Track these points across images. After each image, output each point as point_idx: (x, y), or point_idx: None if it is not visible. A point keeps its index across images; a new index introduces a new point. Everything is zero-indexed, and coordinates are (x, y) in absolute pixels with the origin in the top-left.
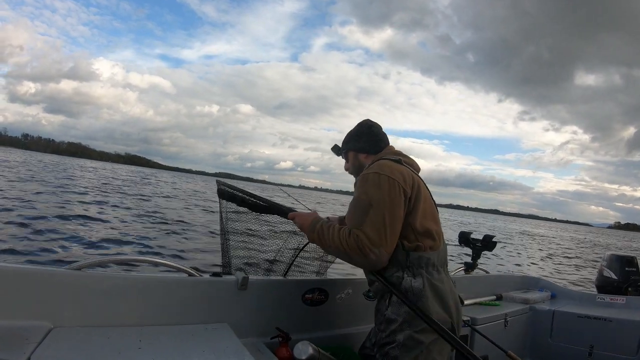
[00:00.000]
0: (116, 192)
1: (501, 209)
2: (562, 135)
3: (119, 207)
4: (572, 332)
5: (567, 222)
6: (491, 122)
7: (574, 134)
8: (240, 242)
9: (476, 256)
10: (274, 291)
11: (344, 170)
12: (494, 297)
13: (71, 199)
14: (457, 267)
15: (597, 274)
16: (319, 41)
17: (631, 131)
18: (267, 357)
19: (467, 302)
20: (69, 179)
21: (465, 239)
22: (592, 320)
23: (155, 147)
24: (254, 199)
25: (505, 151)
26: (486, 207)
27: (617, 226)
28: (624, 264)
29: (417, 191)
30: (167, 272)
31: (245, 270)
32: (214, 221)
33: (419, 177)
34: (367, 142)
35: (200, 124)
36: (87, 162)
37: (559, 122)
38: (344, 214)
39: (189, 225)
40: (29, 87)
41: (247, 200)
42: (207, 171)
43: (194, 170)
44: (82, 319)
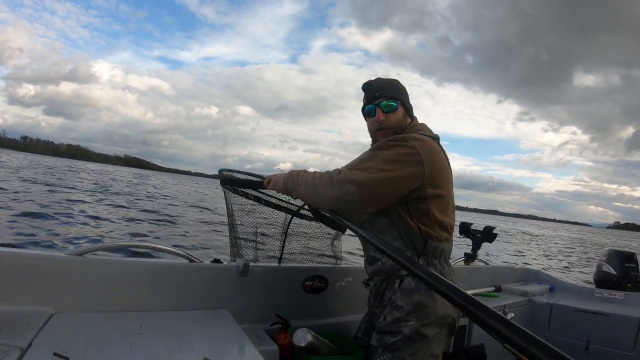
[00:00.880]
0: (115, 192)
1: (500, 209)
2: (561, 135)
3: (117, 205)
4: (570, 325)
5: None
6: (490, 123)
7: (573, 134)
8: (245, 230)
9: (476, 247)
10: (274, 278)
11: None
12: (493, 288)
13: (70, 197)
14: (457, 258)
15: (596, 269)
16: (318, 43)
17: (630, 131)
18: (267, 343)
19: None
20: (68, 178)
21: (465, 229)
22: (590, 314)
23: (154, 149)
24: (248, 176)
25: (504, 152)
26: (485, 208)
27: (617, 226)
28: (624, 259)
29: (444, 178)
30: (167, 259)
31: (246, 256)
32: (211, 220)
33: (449, 163)
34: (411, 107)
35: (199, 126)
36: (86, 164)
37: (558, 123)
38: None
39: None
40: (28, 90)
41: (242, 180)
42: (206, 173)
43: (193, 172)
44: (84, 305)
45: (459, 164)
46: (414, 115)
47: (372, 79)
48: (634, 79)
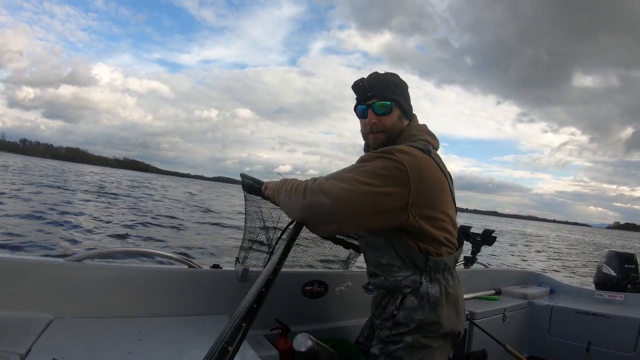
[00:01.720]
0: (114, 196)
1: (500, 210)
2: (560, 136)
3: (117, 210)
4: (570, 327)
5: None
6: (489, 124)
7: (572, 135)
8: (253, 235)
9: (476, 250)
10: (274, 283)
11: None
12: (493, 291)
13: (70, 199)
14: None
15: (596, 271)
16: (317, 45)
17: (629, 131)
18: (267, 348)
19: (466, 296)
20: (66, 182)
21: (465, 233)
22: (590, 316)
23: (153, 151)
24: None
25: (503, 153)
26: (485, 209)
27: (617, 226)
28: (623, 261)
29: (436, 195)
30: (167, 264)
31: (246, 262)
32: (210, 221)
33: (445, 172)
34: (410, 106)
35: (198, 129)
36: (85, 167)
37: (557, 124)
38: None
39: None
40: (28, 93)
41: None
42: (205, 175)
43: (193, 174)
44: (83, 311)
45: (458, 166)
46: (415, 114)
47: (365, 76)
48: (632, 79)
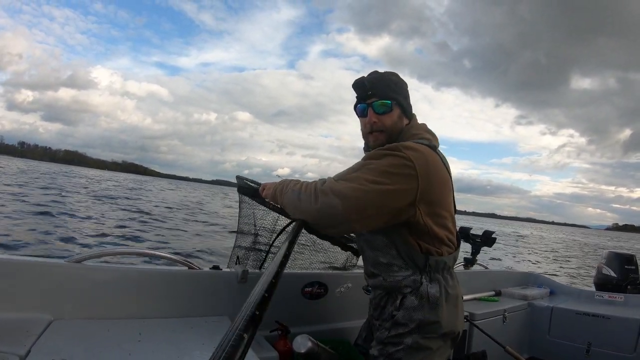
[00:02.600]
0: (113, 198)
1: (498, 212)
2: (558, 138)
3: (116, 211)
4: (570, 328)
5: (564, 224)
6: (488, 127)
7: (571, 137)
8: (249, 237)
9: (475, 252)
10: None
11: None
12: (493, 292)
13: (69, 201)
14: (456, 262)
15: (596, 272)
16: (315, 48)
17: (627, 133)
18: (267, 350)
19: (466, 297)
20: (65, 184)
21: (464, 234)
22: (590, 317)
23: (152, 154)
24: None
25: (502, 155)
26: (483, 211)
27: (615, 228)
28: (623, 262)
29: (442, 192)
30: (167, 265)
31: (245, 263)
32: (209, 225)
33: (449, 169)
34: (410, 106)
35: (197, 132)
36: (83, 170)
37: (555, 126)
38: None
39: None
40: (27, 95)
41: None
42: (204, 178)
43: (191, 177)
44: (82, 312)
45: (456, 168)
46: (414, 114)
47: (365, 75)
48: (630, 81)
